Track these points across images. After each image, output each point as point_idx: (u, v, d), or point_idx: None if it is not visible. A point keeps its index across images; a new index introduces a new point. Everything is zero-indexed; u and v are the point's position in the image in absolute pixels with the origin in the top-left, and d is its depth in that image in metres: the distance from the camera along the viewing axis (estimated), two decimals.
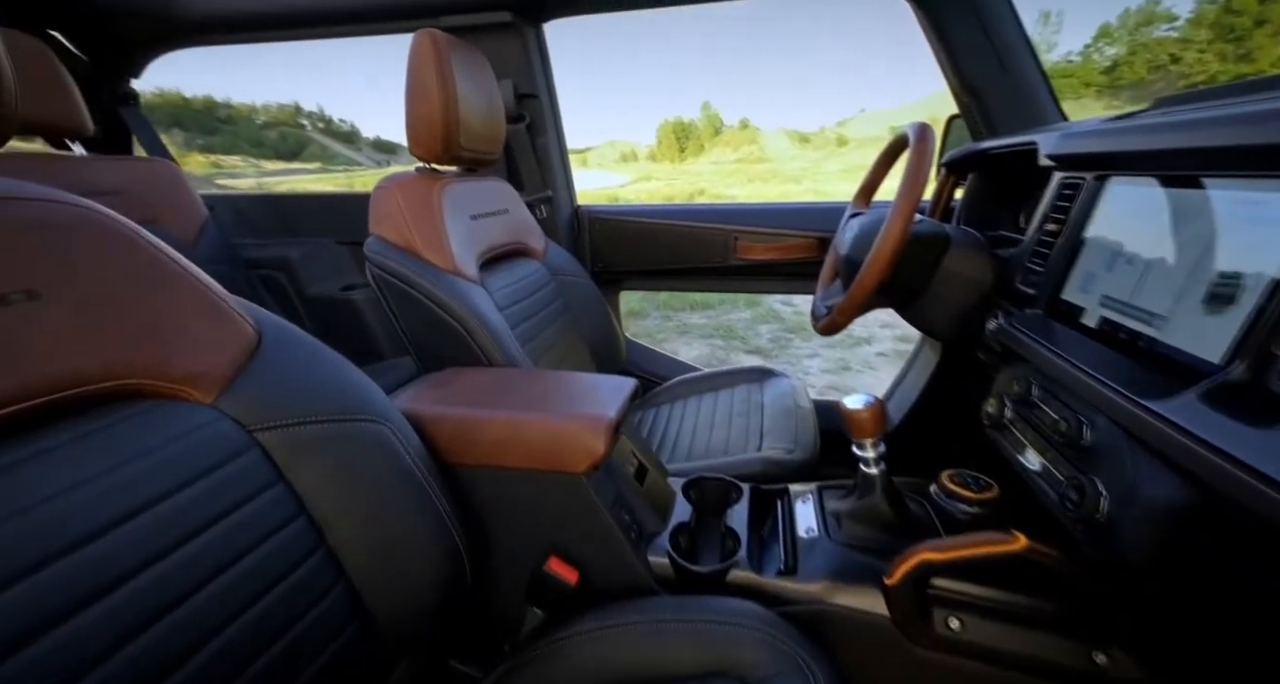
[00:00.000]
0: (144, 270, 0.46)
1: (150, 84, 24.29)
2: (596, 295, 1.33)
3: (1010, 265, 0.76)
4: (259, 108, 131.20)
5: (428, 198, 0.94)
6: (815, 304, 1.03)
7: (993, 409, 0.68)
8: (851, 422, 0.67)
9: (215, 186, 35.41)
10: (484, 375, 0.83)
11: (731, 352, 3.94)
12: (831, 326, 0.88)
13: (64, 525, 0.37)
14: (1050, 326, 0.62)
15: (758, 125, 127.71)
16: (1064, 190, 0.67)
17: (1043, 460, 0.57)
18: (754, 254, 1.42)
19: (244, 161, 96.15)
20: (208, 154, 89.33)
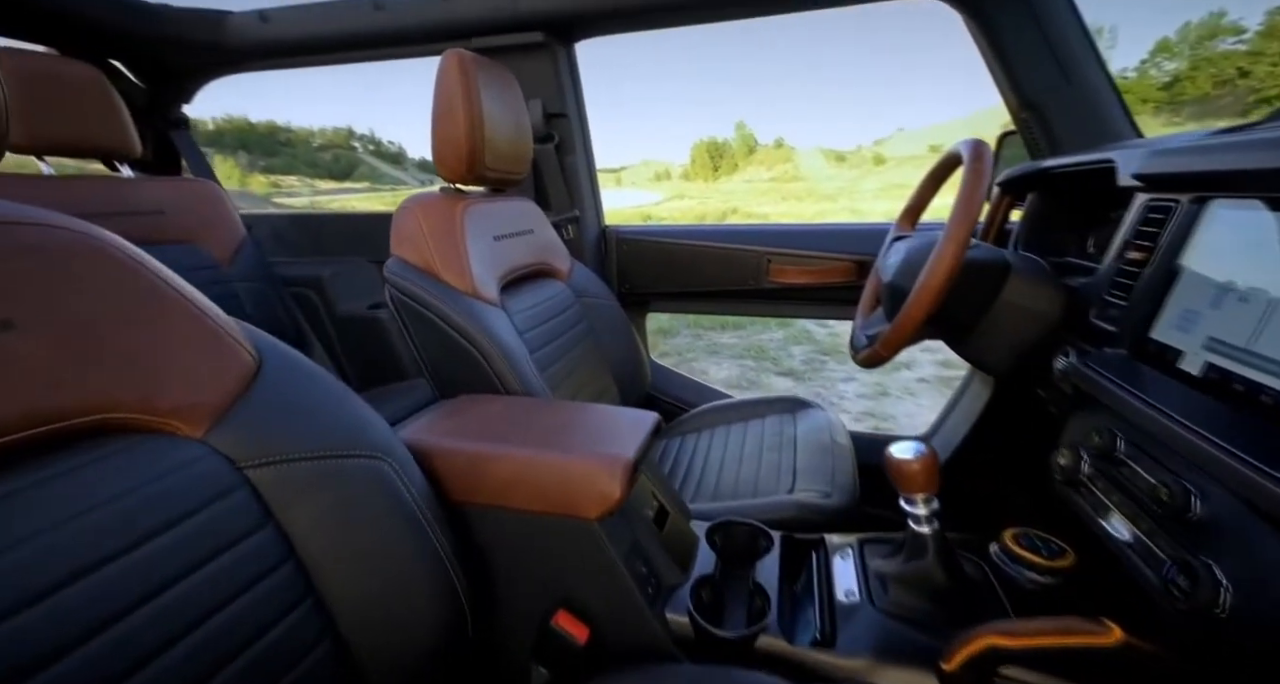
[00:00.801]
0: (138, 297, 0.44)
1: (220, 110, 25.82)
2: (621, 317, 1.28)
3: (1082, 297, 0.68)
4: (315, 131, 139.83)
5: (450, 218, 0.92)
6: (855, 333, 0.95)
7: (1066, 461, 0.59)
8: (900, 475, 0.59)
9: (272, 205, 37.58)
10: (498, 405, 0.78)
11: (763, 373, 3.83)
12: (873, 359, 0.80)
13: (36, 571, 0.34)
14: (1138, 370, 0.54)
15: (792, 144, 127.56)
16: (1151, 214, 0.58)
17: (1135, 531, 0.48)
18: (787, 278, 1.35)
19: (300, 181, 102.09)
20: (268, 174, 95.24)
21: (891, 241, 0.94)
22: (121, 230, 1.18)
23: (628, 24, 1.22)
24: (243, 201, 25.52)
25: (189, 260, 1.27)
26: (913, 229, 0.97)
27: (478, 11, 1.18)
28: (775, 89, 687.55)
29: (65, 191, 1.09)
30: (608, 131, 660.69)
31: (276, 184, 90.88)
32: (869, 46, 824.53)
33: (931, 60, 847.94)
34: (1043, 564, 0.58)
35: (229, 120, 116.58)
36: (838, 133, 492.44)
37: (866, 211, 29.30)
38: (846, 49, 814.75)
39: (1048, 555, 0.59)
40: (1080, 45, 0.93)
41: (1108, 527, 0.51)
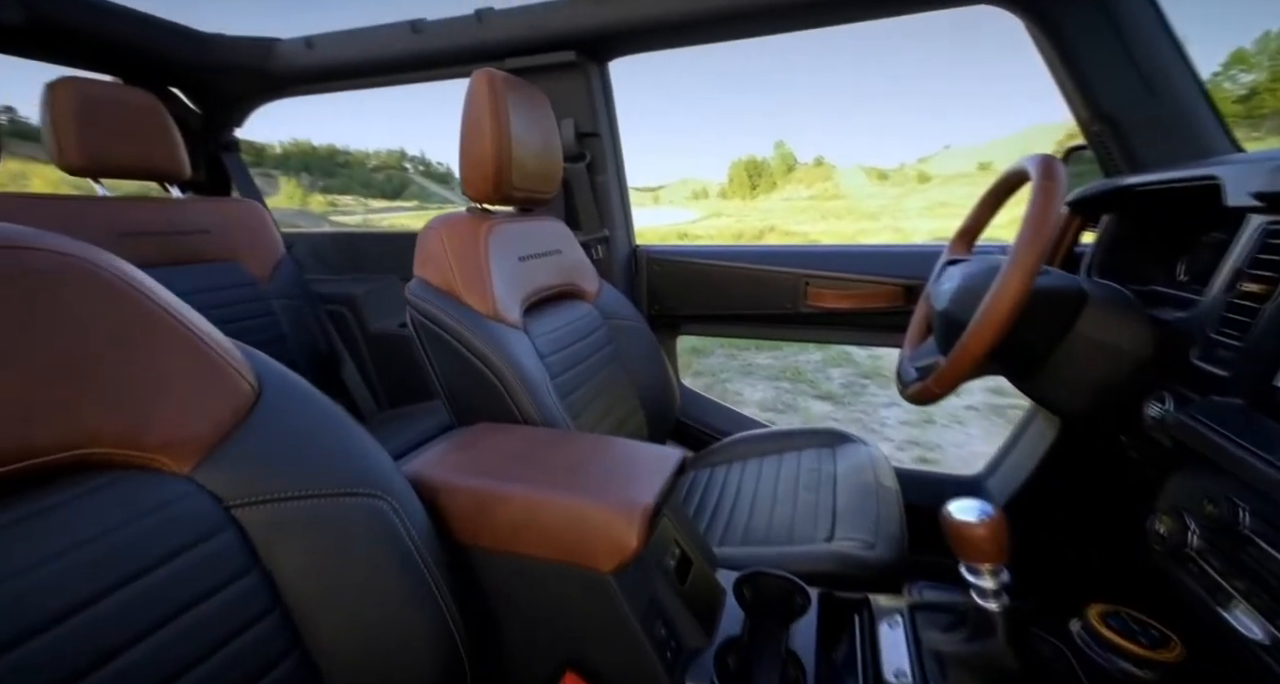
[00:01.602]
0: (131, 323, 0.42)
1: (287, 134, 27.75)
2: (650, 340, 1.23)
3: (1179, 333, 0.58)
4: (371, 153, 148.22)
5: (473, 238, 0.90)
6: (902, 365, 0.87)
7: (1167, 530, 0.49)
8: (961, 540, 0.51)
9: (328, 222, 39.56)
10: (513, 436, 0.74)
11: (799, 396, 3.69)
12: (925, 395, 0.72)
13: (5, 616, 0.31)
14: (1262, 426, 0.44)
15: (832, 162, 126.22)
16: (1271, 239, 0.49)
17: (1272, 630, 0.39)
18: (827, 302, 1.27)
19: (355, 200, 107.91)
20: (327, 194, 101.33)
21: (944, 265, 0.86)
22: (168, 249, 1.21)
23: (661, 42, 1.20)
24: (301, 219, 26.98)
25: (230, 278, 1.30)
26: (968, 252, 0.89)
27: (512, 32, 1.18)
28: (815, 106, 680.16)
29: (117, 212, 1.13)
30: (646, 151, 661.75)
31: (334, 203, 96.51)
32: (913, 62, 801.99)
33: (980, 75, 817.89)
34: (1142, 655, 0.48)
35: (295, 144, 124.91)
36: (880, 150, 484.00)
37: (910, 230, 28.49)
38: (889, 64, 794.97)
39: (1148, 644, 0.49)
40: (1167, 53, 0.84)
41: (1231, 619, 0.42)
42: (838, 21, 1.11)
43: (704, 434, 1.45)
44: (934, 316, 0.80)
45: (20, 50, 1.16)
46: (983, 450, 2.78)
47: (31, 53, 1.18)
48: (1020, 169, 0.68)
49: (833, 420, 3.32)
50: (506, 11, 1.17)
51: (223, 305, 1.26)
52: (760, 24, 1.12)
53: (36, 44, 1.14)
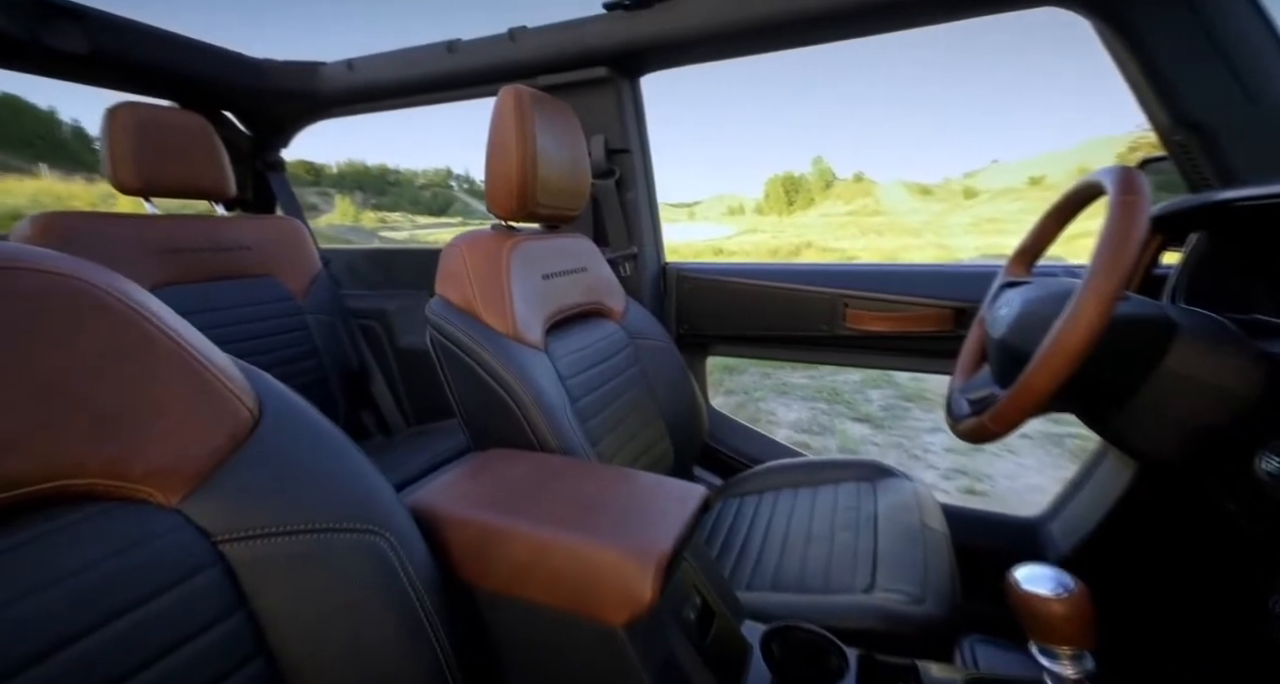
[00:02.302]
0: (125, 345, 0.40)
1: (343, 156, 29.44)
2: (678, 361, 1.18)
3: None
4: (419, 172, 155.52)
5: (495, 256, 0.87)
6: (952, 397, 0.79)
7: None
8: (1034, 617, 0.43)
9: (378, 238, 41.37)
10: (527, 465, 0.70)
11: (836, 418, 3.54)
12: (980, 433, 0.65)
13: None
14: None
15: (873, 178, 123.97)
16: None
17: None
18: (867, 324, 1.19)
19: (403, 217, 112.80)
20: (378, 211, 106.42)
21: (1001, 288, 0.78)
22: (211, 264, 1.24)
23: (694, 56, 1.17)
24: (353, 235, 28.34)
25: (268, 293, 1.33)
26: (1028, 274, 0.81)
27: (544, 50, 1.17)
28: (855, 121, 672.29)
29: (165, 229, 1.18)
30: (681, 167, 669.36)
31: (383, 219, 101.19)
32: (958, 73, 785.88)
33: (1030, 86, 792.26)
34: None
35: (350, 165, 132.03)
36: (922, 166, 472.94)
37: (955, 247, 27.53)
38: (933, 77, 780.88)
39: None
40: (1269, 55, 0.74)
41: None
42: (886, 29, 1.06)
43: (733, 461, 1.38)
44: (989, 344, 0.73)
45: (85, 78, 1.23)
46: (1038, 483, 2.58)
47: (96, 80, 1.25)
48: (1094, 182, 0.61)
49: (872, 445, 3.17)
50: (539, 29, 1.17)
51: (260, 319, 1.29)
52: (802, 35, 1.08)
53: (100, 72, 1.21)
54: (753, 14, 1.01)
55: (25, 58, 1.07)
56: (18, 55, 1.05)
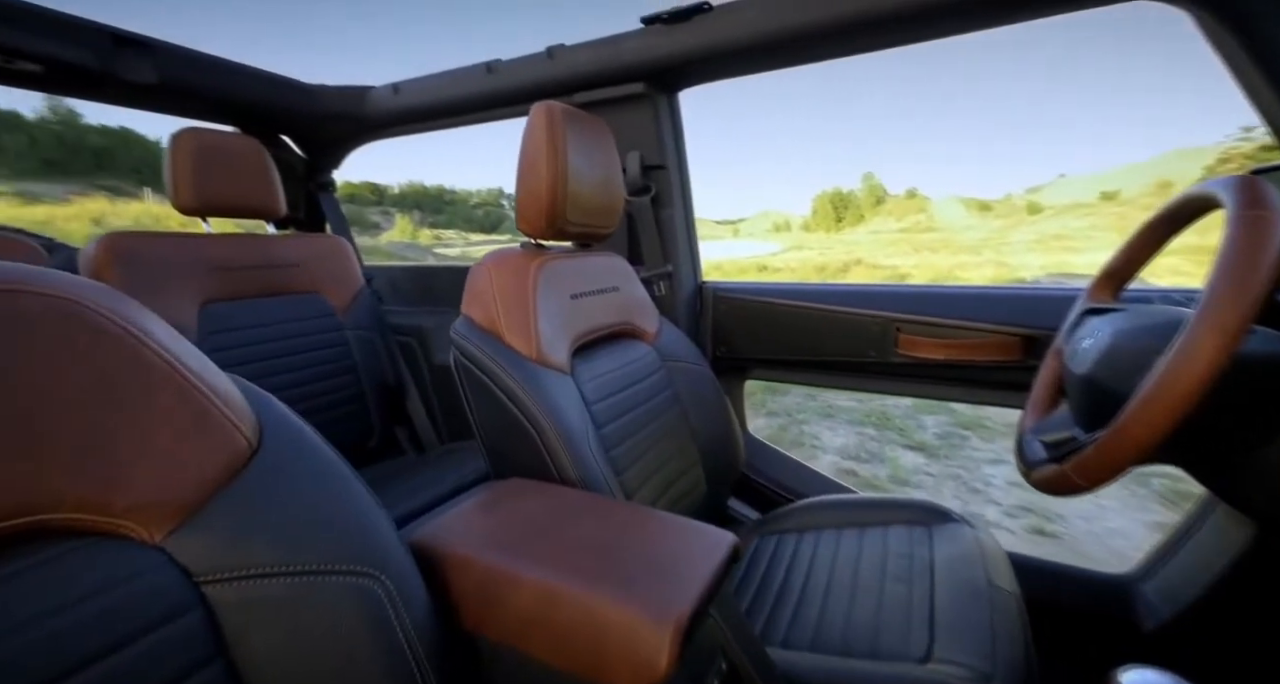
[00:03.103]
0: (117, 370, 0.38)
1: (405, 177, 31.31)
2: (713, 385, 1.12)
3: None
4: (473, 192, 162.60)
5: (521, 275, 0.85)
6: (1024, 438, 0.69)
7: None
8: None
9: (432, 255, 43.31)
10: (542, 499, 0.66)
11: (886, 445, 3.34)
12: (1062, 485, 0.55)
13: None
14: None
15: (926, 194, 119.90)
16: None
17: None
18: (922, 351, 1.09)
19: (457, 234, 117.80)
20: (433, 228, 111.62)
21: (1082, 315, 0.68)
22: (260, 281, 1.28)
23: (734, 69, 1.12)
24: (410, 251, 29.69)
25: (312, 309, 1.36)
26: (1115, 299, 0.70)
27: (581, 67, 1.16)
28: (907, 136, 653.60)
29: (218, 247, 1.23)
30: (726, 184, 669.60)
31: (438, 237, 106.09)
32: (1018, 83, 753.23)
33: (1101, 95, 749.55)
34: None
35: (410, 185, 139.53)
36: (981, 181, 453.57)
37: (1018, 265, 26.13)
38: (990, 87, 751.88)
39: None
40: None
41: None
42: (946, 32, 0.98)
43: (772, 493, 1.30)
44: (1069, 380, 0.63)
45: (154, 106, 1.32)
46: (1120, 526, 2.31)
47: (164, 108, 1.34)
48: (1205, 195, 0.52)
49: (926, 475, 2.95)
50: (577, 47, 1.16)
51: (302, 335, 1.32)
52: (850, 42, 1.01)
53: (168, 100, 1.29)
54: (797, 23, 0.96)
55: (101, 88, 1.15)
56: (94, 86, 1.14)
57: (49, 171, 42.41)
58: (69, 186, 34.17)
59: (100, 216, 23.14)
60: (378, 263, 1.97)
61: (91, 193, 31.70)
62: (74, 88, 1.15)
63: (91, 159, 43.74)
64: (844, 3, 0.91)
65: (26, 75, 1.03)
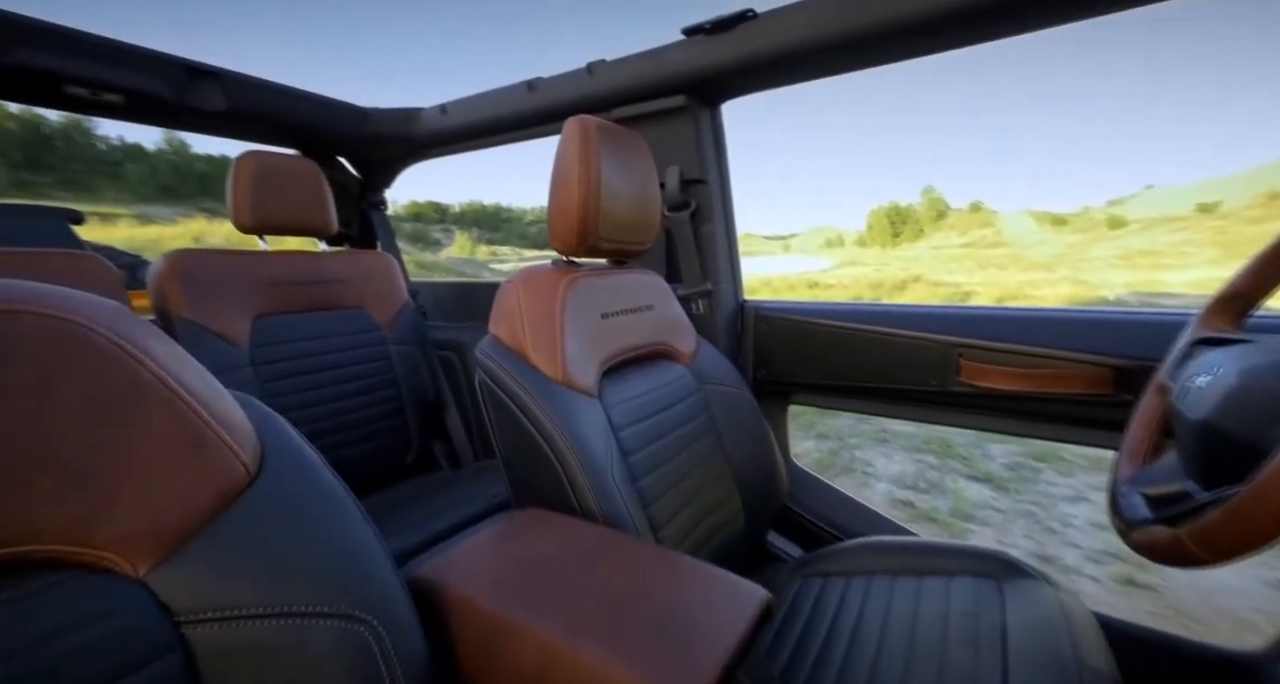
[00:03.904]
0: (113, 392, 0.37)
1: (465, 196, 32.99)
2: (753, 409, 1.05)
3: None
4: (528, 209, 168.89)
5: (549, 294, 0.82)
6: (1119, 489, 0.59)
7: None
8: None
9: (488, 270, 45.07)
10: (558, 535, 0.61)
11: (948, 475, 3.09)
12: (1176, 554, 0.45)
13: None
14: None
15: (993, 208, 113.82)
16: None
17: None
18: (988, 380, 0.98)
19: (511, 251, 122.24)
20: (490, 245, 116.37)
21: (1193, 345, 0.58)
22: (309, 296, 1.32)
23: (780, 78, 1.07)
24: (467, 267, 30.96)
25: (357, 324, 1.40)
26: (1237, 328, 0.59)
27: (621, 82, 1.14)
28: (972, 147, 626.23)
29: (273, 263, 1.28)
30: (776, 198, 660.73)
31: (494, 252, 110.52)
32: (1096, 88, 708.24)
33: (1191, 97, 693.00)
34: None
35: (470, 204, 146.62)
36: (1054, 194, 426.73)
37: (1096, 283, 24.16)
38: (1063, 92, 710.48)
39: None
40: None
41: None
42: (1015, 30, 0.89)
43: (818, 530, 1.20)
44: (1179, 423, 0.53)
45: (222, 131, 1.40)
46: (1234, 583, 2.01)
47: (231, 133, 1.43)
48: None
49: (993, 510, 2.70)
50: (618, 61, 1.14)
51: (348, 349, 1.35)
52: (905, 46, 0.94)
53: (235, 125, 1.38)
54: (846, 28, 0.90)
55: (174, 115, 1.23)
56: (169, 114, 1.22)
57: (163, 196, 47.59)
58: (177, 209, 38.10)
59: (200, 235, 25.59)
60: (425, 278, 2.02)
61: (195, 214, 35.19)
62: (151, 116, 1.24)
63: (197, 184, 48.74)
64: (897, 4, 0.85)
65: (110, 105, 1.12)
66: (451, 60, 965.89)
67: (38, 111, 4.58)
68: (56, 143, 51.51)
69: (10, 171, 47.32)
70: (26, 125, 49.19)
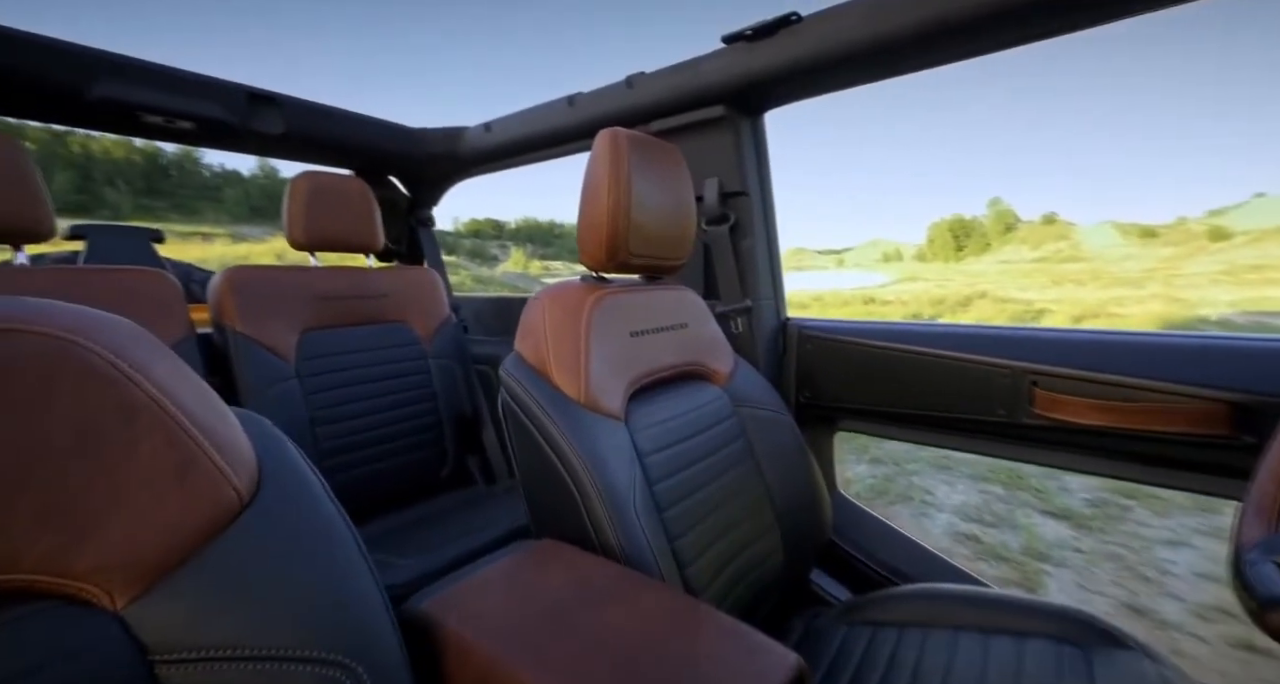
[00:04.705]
0: (104, 414, 0.36)
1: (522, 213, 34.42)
2: (794, 435, 0.98)
3: None
4: None
5: (575, 310, 0.79)
6: (1246, 558, 0.48)
7: None
8: None
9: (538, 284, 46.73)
10: (572, 573, 0.57)
11: (1018, 508, 2.82)
12: None
13: None
14: None
15: (1069, 220, 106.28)
16: None
17: None
18: (1068, 413, 0.86)
19: (563, 265, 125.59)
20: (543, 260, 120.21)
21: None
22: (354, 310, 1.36)
23: (825, 84, 1.01)
24: (521, 281, 32.06)
25: (398, 337, 1.42)
26: None
27: (660, 93, 1.12)
28: (1042, 154, 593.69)
29: (322, 279, 1.33)
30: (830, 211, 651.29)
31: (546, 267, 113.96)
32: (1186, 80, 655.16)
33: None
34: None
35: (525, 220, 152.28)
36: (1142, 204, 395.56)
37: (1194, 301, 21.90)
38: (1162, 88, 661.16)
39: None
40: None
41: None
42: (1089, 22, 0.80)
43: (866, 569, 1.09)
44: None
45: (281, 153, 1.49)
46: None
47: (289, 155, 1.50)
48: None
49: (1073, 550, 2.42)
50: (657, 73, 1.12)
51: (388, 362, 1.38)
52: (963, 45, 0.86)
53: (293, 148, 1.45)
54: (899, 28, 0.83)
55: (237, 139, 1.31)
56: (234, 138, 1.30)
57: (254, 216, 52.59)
58: (265, 228, 41.82)
59: (282, 252, 27.92)
60: (480, 292, 2.06)
61: (279, 233, 38.58)
62: (218, 140, 1.33)
63: None
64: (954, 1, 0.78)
65: (182, 132, 1.20)
66: (495, 76, 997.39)
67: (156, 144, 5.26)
68: (171, 171, 58.32)
69: (134, 197, 53.81)
70: (149, 157, 56.07)
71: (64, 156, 59.11)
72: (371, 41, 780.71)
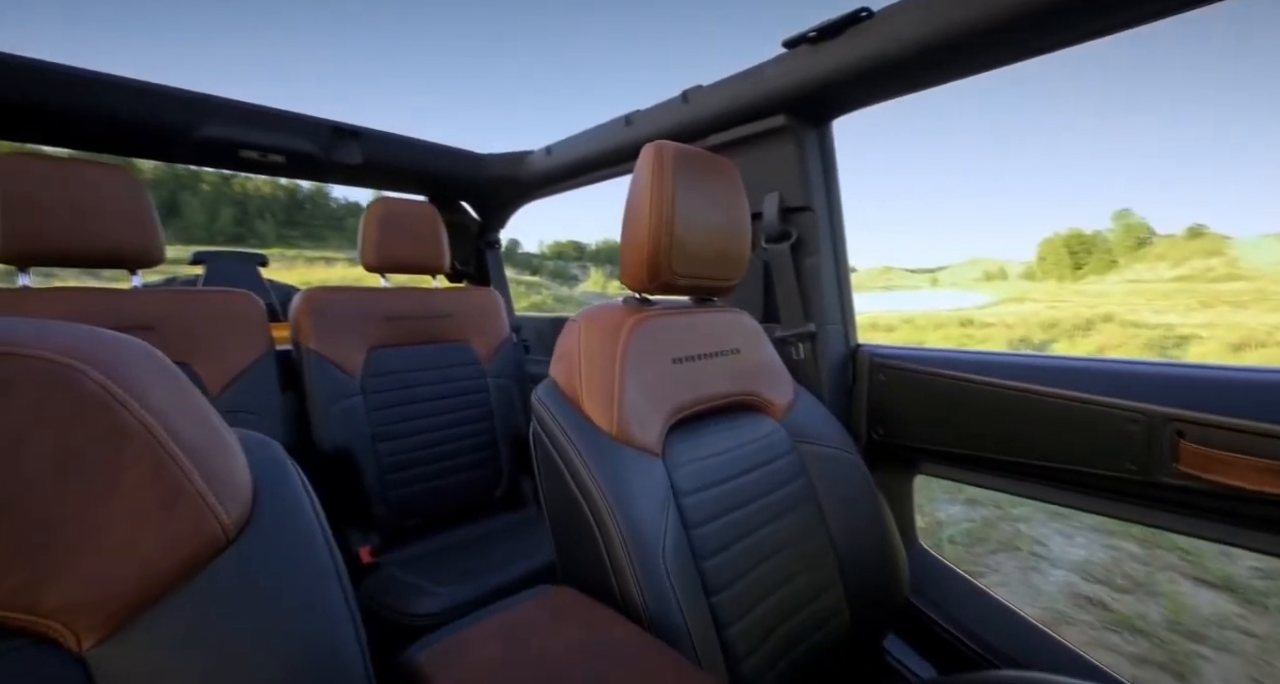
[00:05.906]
0: (84, 444, 0.35)
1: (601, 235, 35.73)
2: (863, 477, 0.86)
3: None
4: None
5: (612, 334, 0.74)
6: None
7: None
8: None
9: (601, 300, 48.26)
10: (584, 633, 0.50)
11: (1161, 574, 2.36)
12: None
13: None
14: None
15: (1220, 232, 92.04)
16: None
17: None
18: (1228, 475, 0.67)
19: None
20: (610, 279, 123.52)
21: None
22: (419, 330, 1.40)
23: (900, 85, 0.90)
24: (597, 299, 32.98)
25: (459, 357, 1.46)
26: None
27: (717, 106, 1.06)
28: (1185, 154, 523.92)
29: (390, 299, 1.39)
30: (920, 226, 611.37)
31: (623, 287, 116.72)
32: None
33: None
34: None
35: (605, 242, 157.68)
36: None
37: None
38: None
39: None
40: None
41: None
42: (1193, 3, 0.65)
43: (954, 639, 0.92)
44: None
45: (360, 182, 1.59)
46: None
47: (367, 183, 1.61)
48: None
49: (1240, 632, 1.97)
50: (714, 85, 1.07)
51: (448, 381, 1.41)
52: (1064, 32, 0.73)
53: (371, 176, 1.55)
54: (988, 15, 0.72)
55: (319, 169, 1.42)
56: (314, 168, 1.41)
57: (344, 242, 59.59)
58: (354, 252, 47.06)
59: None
60: (559, 311, 2.09)
61: None
62: (306, 171, 1.44)
63: None
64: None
65: (273, 165, 1.32)
66: (559, 95, 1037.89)
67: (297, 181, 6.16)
68: (305, 205, 67.82)
69: (278, 227, 62.92)
70: (289, 193, 65.81)
71: (228, 195, 70.38)
72: (446, 74, 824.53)
